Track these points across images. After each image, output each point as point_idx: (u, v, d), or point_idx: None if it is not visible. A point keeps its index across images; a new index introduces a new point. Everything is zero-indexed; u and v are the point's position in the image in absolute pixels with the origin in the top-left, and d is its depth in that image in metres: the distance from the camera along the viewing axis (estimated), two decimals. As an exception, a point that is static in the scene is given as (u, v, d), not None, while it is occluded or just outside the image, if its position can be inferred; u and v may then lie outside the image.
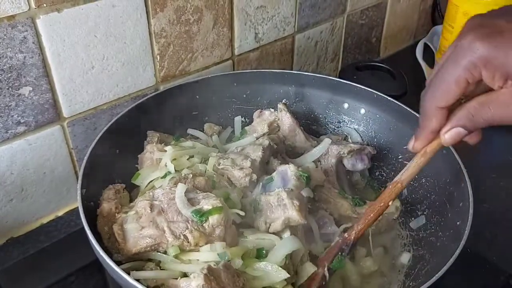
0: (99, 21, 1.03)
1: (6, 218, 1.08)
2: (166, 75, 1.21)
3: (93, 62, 1.06)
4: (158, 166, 1.02)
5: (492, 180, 1.28)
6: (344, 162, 1.15)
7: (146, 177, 1.02)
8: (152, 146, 1.05)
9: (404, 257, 1.00)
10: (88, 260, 1.00)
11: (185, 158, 1.03)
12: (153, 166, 1.03)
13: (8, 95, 0.97)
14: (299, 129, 1.17)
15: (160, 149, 1.04)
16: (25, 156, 1.05)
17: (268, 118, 1.18)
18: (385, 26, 1.84)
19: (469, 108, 0.72)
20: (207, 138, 1.17)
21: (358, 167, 1.16)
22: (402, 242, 1.05)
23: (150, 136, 1.10)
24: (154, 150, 1.04)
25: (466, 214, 0.87)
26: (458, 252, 0.80)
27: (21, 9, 0.92)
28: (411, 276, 0.95)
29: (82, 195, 0.88)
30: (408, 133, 1.10)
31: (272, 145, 1.09)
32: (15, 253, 1.06)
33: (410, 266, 0.98)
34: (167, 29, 1.15)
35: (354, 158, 1.15)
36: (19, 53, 0.95)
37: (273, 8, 1.38)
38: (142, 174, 1.03)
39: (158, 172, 1.01)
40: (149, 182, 1.01)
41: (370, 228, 0.93)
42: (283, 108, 1.17)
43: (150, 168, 1.03)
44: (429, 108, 0.75)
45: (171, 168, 0.99)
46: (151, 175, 1.01)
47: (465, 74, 0.68)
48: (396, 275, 0.98)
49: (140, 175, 1.03)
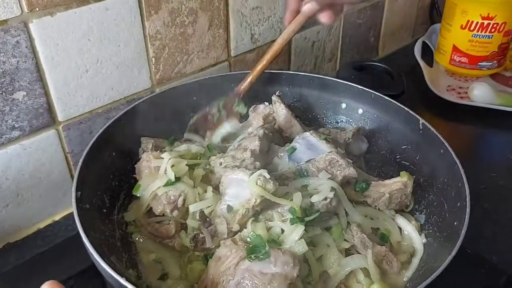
0: (92, 24, 1.03)
1: (3, 223, 1.08)
2: (162, 78, 1.21)
3: (87, 65, 1.06)
4: (157, 174, 1.01)
5: (491, 179, 1.27)
6: (351, 148, 1.17)
7: (147, 187, 1.00)
8: (148, 154, 1.04)
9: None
10: (86, 264, 0.98)
11: (184, 163, 1.01)
12: (152, 175, 1.02)
13: (2, 100, 0.96)
14: (295, 120, 1.17)
15: (156, 156, 1.02)
16: (20, 161, 1.04)
17: (263, 111, 1.19)
18: (383, 25, 1.84)
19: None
20: (202, 141, 1.16)
21: (363, 148, 1.19)
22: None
23: (144, 142, 1.09)
24: (151, 158, 1.02)
25: (464, 214, 0.86)
26: (454, 252, 0.79)
27: (14, 13, 0.91)
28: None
29: (77, 198, 0.88)
30: (407, 133, 1.11)
31: (268, 133, 1.08)
32: (12, 258, 1.06)
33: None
34: (162, 31, 1.15)
35: (357, 140, 1.17)
36: (12, 58, 0.94)
37: (269, 8, 1.37)
38: (143, 185, 1.01)
39: (158, 182, 0.99)
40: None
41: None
42: (277, 100, 1.18)
43: (150, 177, 1.02)
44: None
45: (171, 175, 0.98)
46: (152, 185, 0.99)
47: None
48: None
49: (141, 186, 1.01)
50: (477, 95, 1.55)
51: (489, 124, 1.52)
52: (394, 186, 1.02)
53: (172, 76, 1.23)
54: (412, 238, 0.99)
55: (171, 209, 0.98)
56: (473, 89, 1.56)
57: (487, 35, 1.61)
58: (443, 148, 1.01)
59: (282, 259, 0.82)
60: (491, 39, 1.62)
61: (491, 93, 1.54)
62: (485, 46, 1.64)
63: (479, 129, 1.54)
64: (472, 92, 1.56)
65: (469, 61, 1.68)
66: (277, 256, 0.82)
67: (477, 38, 1.63)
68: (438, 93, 1.57)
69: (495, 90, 1.56)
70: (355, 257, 0.92)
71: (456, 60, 1.70)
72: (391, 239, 0.98)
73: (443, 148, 1.01)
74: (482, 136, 1.52)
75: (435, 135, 1.04)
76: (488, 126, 1.52)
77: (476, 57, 1.67)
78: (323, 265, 0.90)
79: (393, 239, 0.99)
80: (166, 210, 0.98)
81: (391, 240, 0.99)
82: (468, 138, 1.50)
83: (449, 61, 1.72)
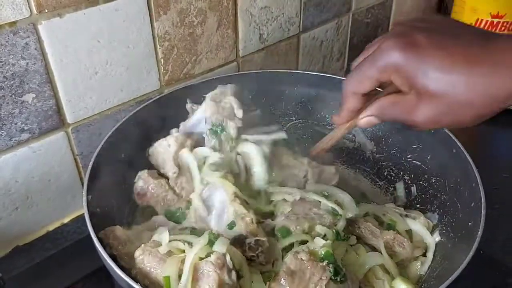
0: (102, 25, 1.02)
1: (12, 226, 1.07)
2: (171, 79, 1.20)
3: (96, 67, 1.05)
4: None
5: (504, 180, 1.26)
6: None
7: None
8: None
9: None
10: (95, 267, 0.98)
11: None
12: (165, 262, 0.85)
13: (11, 103, 0.96)
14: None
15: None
16: (29, 164, 1.04)
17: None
18: (391, 24, 1.83)
19: (382, 102, 0.83)
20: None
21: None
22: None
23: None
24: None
25: (478, 214, 0.85)
26: (471, 254, 0.78)
27: (23, 15, 0.91)
28: (423, 278, 0.93)
29: (88, 201, 0.87)
30: (418, 132, 1.09)
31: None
32: (21, 262, 1.05)
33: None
34: (170, 32, 1.14)
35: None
36: (21, 60, 0.94)
37: (278, 8, 1.36)
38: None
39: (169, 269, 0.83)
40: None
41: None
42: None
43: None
44: (347, 91, 0.86)
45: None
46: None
47: (377, 74, 0.78)
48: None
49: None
50: (488, 94, 1.53)
51: (501, 124, 1.50)
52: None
53: (181, 77, 1.22)
54: (422, 234, 0.99)
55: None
56: (484, 88, 1.54)
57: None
58: (455, 148, 0.99)
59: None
60: (501, 37, 1.60)
61: (501, 92, 1.52)
62: (495, 45, 1.62)
63: (491, 129, 1.52)
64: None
65: (478, 59, 1.67)
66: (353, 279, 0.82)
67: (486, 36, 1.61)
68: (448, 93, 1.56)
69: (505, 89, 1.55)
70: (370, 254, 0.91)
71: (465, 59, 1.69)
72: (398, 228, 0.98)
73: (455, 148, 0.99)
74: (494, 136, 1.50)
75: (447, 135, 1.02)
76: (500, 126, 1.51)
77: (485, 55, 1.65)
78: (347, 269, 0.87)
79: (400, 228, 0.98)
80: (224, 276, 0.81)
81: (398, 229, 0.98)
82: (479, 139, 1.48)
83: (458, 60, 1.71)
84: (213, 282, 0.77)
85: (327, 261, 0.81)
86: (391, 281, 0.88)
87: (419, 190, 1.09)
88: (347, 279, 0.81)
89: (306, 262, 0.81)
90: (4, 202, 1.04)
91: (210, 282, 0.77)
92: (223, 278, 0.78)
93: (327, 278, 0.79)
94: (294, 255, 0.82)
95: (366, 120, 0.86)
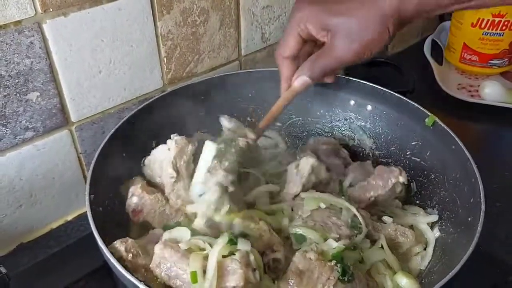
0: (105, 24, 1.03)
1: (16, 223, 1.08)
2: (173, 77, 1.21)
3: (100, 66, 1.06)
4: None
5: (503, 178, 1.27)
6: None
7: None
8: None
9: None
10: (98, 264, 0.99)
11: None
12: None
13: (16, 101, 0.97)
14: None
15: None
16: (33, 162, 1.05)
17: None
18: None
19: (309, 59, 0.95)
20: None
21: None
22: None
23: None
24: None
25: (478, 210, 0.86)
26: (471, 249, 0.79)
27: (28, 14, 0.92)
28: (423, 273, 0.94)
29: (91, 201, 0.88)
30: (417, 129, 1.10)
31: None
32: (25, 259, 1.06)
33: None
34: (173, 31, 1.15)
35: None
36: (26, 59, 0.95)
37: (280, 7, 1.37)
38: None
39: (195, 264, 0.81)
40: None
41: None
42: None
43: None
44: (277, 57, 0.99)
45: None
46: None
47: (296, 28, 0.94)
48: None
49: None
50: (489, 93, 1.54)
51: (501, 123, 1.51)
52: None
53: (183, 76, 1.23)
54: (422, 229, 1.00)
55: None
56: (484, 88, 1.55)
57: (498, 33, 1.61)
58: (454, 144, 1.00)
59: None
60: (502, 36, 1.61)
61: (502, 91, 1.53)
62: (496, 44, 1.63)
63: (491, 128, 1.53)
64: (484, 90, 1.55)
65: (479, 59, 1.68)
66: (360, 278, 0.82)
67: (487, 36, 1.62)
68: (449, 92, 1.57)
69: (506, 88, 1.55)
70: (373, 250, 0.91)
71: (467, 58, 1.70)
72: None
73: (454, 144, 1.00)
74: (494, 134, 1.51)
75: (446, 131, 1.03)
76: (500, 124, 1.52)
77: (486, 55, 1.66)
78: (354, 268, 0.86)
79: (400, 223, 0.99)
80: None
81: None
82: (479, 137, 1.49)
83: (459, 59, 1.72)
84: (239, 279, 0.77)
85: (335, 261, 0.81)
86: (392, 275, 0.88)
87: (419, 186, 1.09)
88: (355, 278, 0.81)
89: (315, 261, 0.81)
90: (8, 200, 1.05)
91: (236, 279, 0.77)
92: (249, 275, 0.78)
93: (335, 278, 0.79)
94: (303, 254, 0.82)
95: (299, 80, 0.96)
